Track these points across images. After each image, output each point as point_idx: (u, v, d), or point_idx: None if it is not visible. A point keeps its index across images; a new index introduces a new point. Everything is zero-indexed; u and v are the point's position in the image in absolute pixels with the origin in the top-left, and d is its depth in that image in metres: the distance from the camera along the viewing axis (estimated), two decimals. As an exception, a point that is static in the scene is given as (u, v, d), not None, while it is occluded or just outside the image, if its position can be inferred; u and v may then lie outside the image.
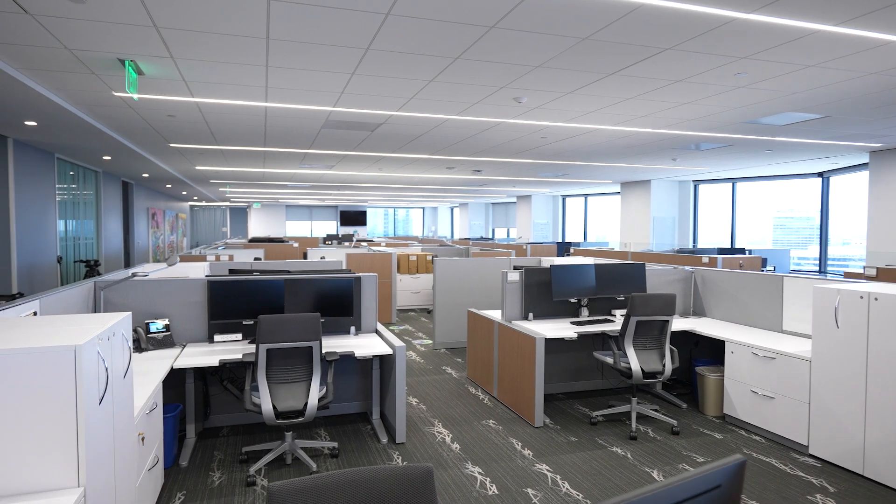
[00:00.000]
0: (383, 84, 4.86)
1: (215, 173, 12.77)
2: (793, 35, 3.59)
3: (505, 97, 5.34)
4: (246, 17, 3.31)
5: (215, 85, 4.87)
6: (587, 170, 11.77)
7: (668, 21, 3.36)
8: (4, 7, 3.12)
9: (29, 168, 8.00)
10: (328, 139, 7.87)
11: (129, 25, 3.42)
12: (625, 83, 4.81)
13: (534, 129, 7.11)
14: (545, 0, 3.06)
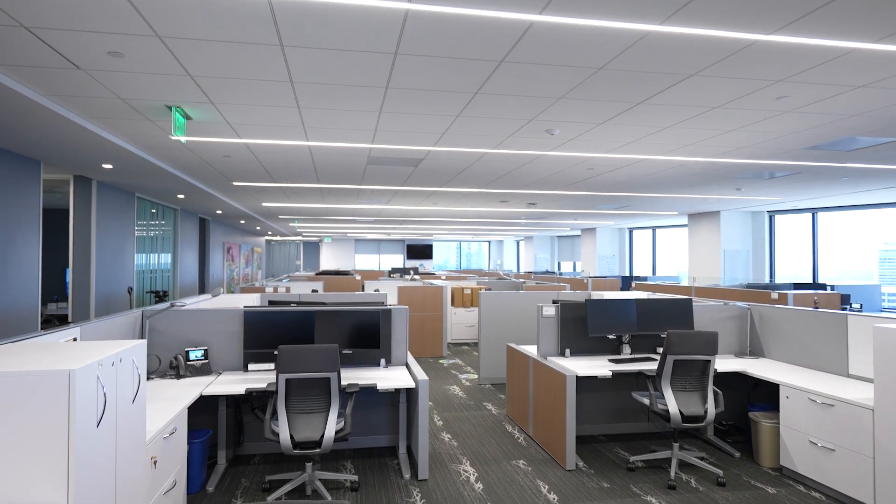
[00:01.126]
0: (412, 121, 4.97)
1: (281, 209, 13.45)
2: (828, 55, 3.35)
3: (536, 129, 5.30)
4: (266, 63, 3.52)
5: (257, 126, 5.18)
6: (647, 201, 11.36)
7: (680, 48, 3.24)
8: (60, 64, 3.50)
9: (111, 206, 8.79)
10: (376, 175, 8.11)
11: (167, 75, 3.74)
12: (657, 112, 4.65)
13: (577, 161, 6.99)
14: (547, 33, 3.05)
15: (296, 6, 2.74)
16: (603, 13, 2.82)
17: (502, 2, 2.70)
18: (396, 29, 3.01)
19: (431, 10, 2.79)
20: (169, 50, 3.29)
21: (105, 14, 2.81)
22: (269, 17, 2.86)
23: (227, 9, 2.76)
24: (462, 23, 2.94)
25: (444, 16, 2.85)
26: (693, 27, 2.98)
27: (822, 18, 2.86)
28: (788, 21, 2.90)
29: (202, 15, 2.83)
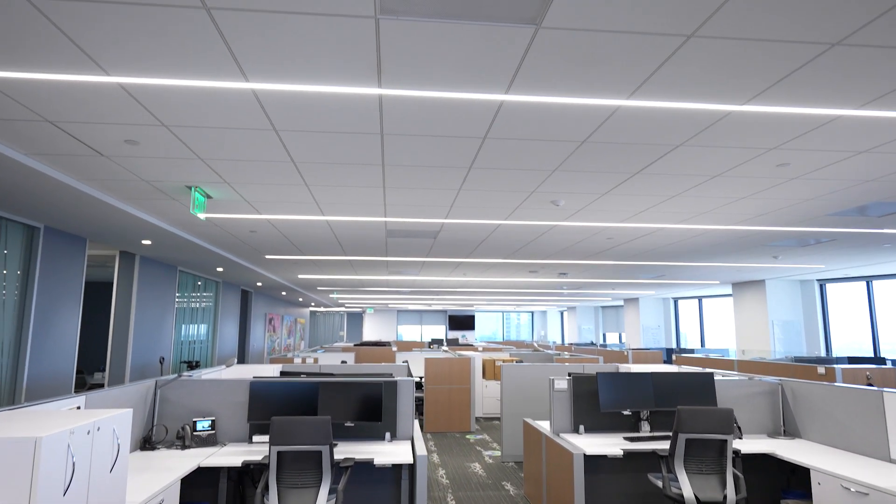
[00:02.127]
0: (417, 195, 5.14)
1: (318, 281, 13.83)
2: (813, 123, 3.31)
3: (541, 201, 5.36)
4: (265, 145, 3.79)
5: (273, 203, 5.48)
6: (682, 271, 11.05)
7: (656, 120, 3.28)
8: (85, 152, 3.88)
9: (152, 279, 9.30)
10: (399, 247, 8.29)
11: (180, 159, 4.06)
12: (657, 182, 4.64)
13: (593, 231, 6.96)
14: (519, 111, 3.17)
15: (279, 95, 2.98)
16: (565, 91, 2.92)
17: (469, 84, 2.85)
18: (375, 112, 3.20)
19: (403, 95, 2.97)
20: (176, 137, 3.60)
21: (114, 108, 3.14)
22: (257, 104, 3.11)
23: (217, 99, 3.03)
24: (436, 105, 3.10)
25: (417, 99, 3.03)
26: (659, 101, 3.04)
27: (792, 88, 2.86)
28: (758, 91, 2.91)
29: (197, 106, 3.11)
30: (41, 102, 3.05)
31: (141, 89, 2.89)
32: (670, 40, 2.42)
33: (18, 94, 2.95)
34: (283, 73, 2.71)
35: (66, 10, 2.18)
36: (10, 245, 5.80)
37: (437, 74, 2.74)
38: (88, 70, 2.67)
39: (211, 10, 2.19)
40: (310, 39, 2.41)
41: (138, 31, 2.33)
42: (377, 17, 2.25)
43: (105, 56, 2.54)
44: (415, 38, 2.41)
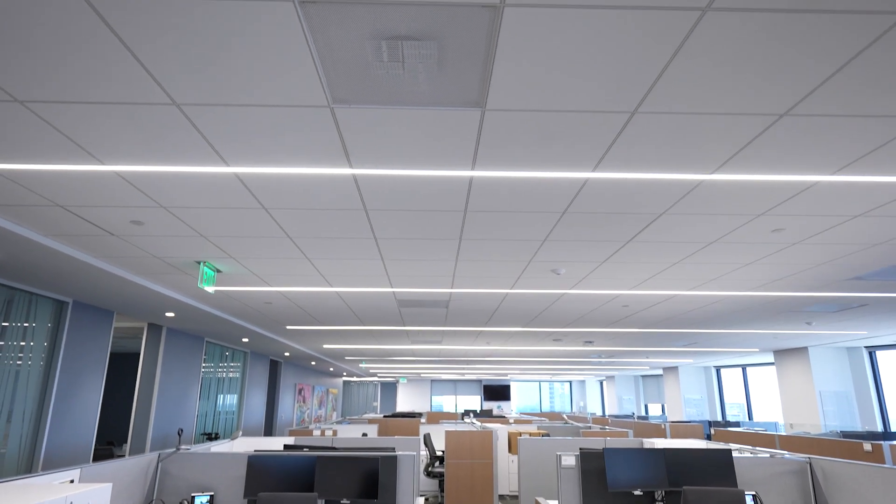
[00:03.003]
0: (417, 266, 5.23)
1: (343, 351, 13.89)
2: (792, 189, 3.27)
3: (542, 269, 5.36)
4: (259, 222, 3.98)
5: (280, 276, 5.66)
6: (714, 338, 10.61)
7: (629, 190, 3.31)
8: (97, 232, 4.17)
9: (178, 351, 9.56)
10: (415, 316, 8.33)
11: (184, 237, 4.30)
12: (653, 249, 4.60)
13: (605, 298, 6.85)
14: (491, 186, 3.26)
15: (261, 177, 3.18)
16: (530, 166, 3.01)
17: (435, 162, 2.97)
18: (353, 190, 3.36)
19: (374, 174, 3.12)
20: (176, 217, 3.84)
21: (115, 193, 3.40)
22: (242, 186, 3.31)
23: (206, 182, 3.25)
24: (411, 182, 3.23)
25: (389, 177, 3.17)
26: (625, 172, 3.08)
27: (756, 156, 2.87)
28: (722, 161, 2.92)
29: (189, 188, 3.34)
30: (51, 189, 3.34)
31: (135, 176, 3.14)
32: (616, 117, 2.50)
33: (29, 183, 3.25)
34: (259, 157, 2.91)
35: (60, 111, 2.44)
36: (39, 319, 6.14)
37: (403, 154, 2.88)
38: (85, 161, 2.94)
39: (181, 107, 2.41)
40: (277, 127, 2.60)
41: (122, 126, 2.58)
42: (331, 106, 2.42)
43: (98, 148, 2.80)
44: (372, 123, 2.56)
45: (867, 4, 1.77)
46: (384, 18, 1.88)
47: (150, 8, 1.81)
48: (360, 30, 1.93)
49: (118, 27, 1.90)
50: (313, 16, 1.86)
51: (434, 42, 2.00)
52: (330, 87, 2.28)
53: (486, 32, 1.95)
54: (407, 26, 1.92)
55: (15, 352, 5.84)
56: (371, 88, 2.29)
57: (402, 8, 1.83)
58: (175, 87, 2.27)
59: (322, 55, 2.07)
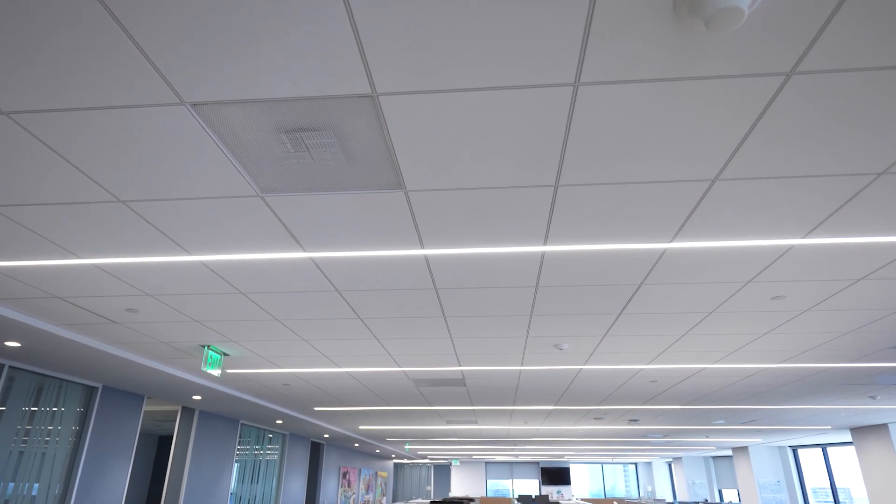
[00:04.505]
0: (414, 345, 5.17)
1: (382, 432, 13.60)
2: (767, 255, 3.06)
3: (542, 345, 5.17)
4: (245, 306, 4.10)
5: (287, 357, 5.72)
6: (771, 414, 9.69)
7: (591, 262, 3.20)
8: (99, 321, 4.41)
9: (212, 433, 9.66)
10: (437, 396, 8.13)
11: (179, 322, 4.48)
12: (648, 322, 4.36)
13: (627, 373, 6.46)
14: (449, 262, 3.25)
15: (225, 264, 3.31)
16: (475, 242, 2.98)
17: (383, 243, 3.01)
18: (317, 272, 3.43)
19: (331, 256, 3.19)
20: (164, 304, 4.02)
21: (100, 283, 3.62)
22: (212, 273, 3.45)
23: (178, 271, 3.42)
24: (371, 262, 3.27)
25: (348, 259, 3.22)
26: (578, 244, 3.00)
27: (710, 222, 2.73)
28: (676, 229, 2.80)
29: (164, 276, 3.52)
30: (44, 283, 3.60)
31: (112, 267, 3.35)
32: (542, 191, 2.47)
33: (24, 278, 3.52)
34: (214, 245, 3.04)
35: (29, 212, 2.68)
36: (68, 404, 6.43)
37: (350, 236, 2.94)
38: (63, 256, 3.17)
39: (127, 203, 2.59)
40: (218, 217, 2.74)
41: (83, 223, 2.79)
42: (261, 195, 2.54)
43: (70, 244, 3.02)
44: (308, 209, 2.65)
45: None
46: (274, 113, 1.99)
47: (76, 122, 2.01)
48: (258, 125, 2.05)
49: (53, 143, 2.11)
50: (209, 115, 2.00)
51: (331, 131, 2.09)
52: (252, 177, 2.40)
53: (374, 119, 2.02)
54: (299, 119, 2.02)
55: (43, 435, 6.09)
56: (292, 177, 2.39)
57: (288, 103, 1.94)
58: (114, 186, 2.45)
59: (233, 149, 2.20)
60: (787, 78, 1.79)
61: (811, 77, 1.78)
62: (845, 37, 1.63)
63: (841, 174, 2.33)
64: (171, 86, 1.85)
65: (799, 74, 1.77)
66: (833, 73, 1.76)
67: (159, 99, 1.90)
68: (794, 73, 1.77)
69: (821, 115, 1.96)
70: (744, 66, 1.75)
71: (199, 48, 1.69)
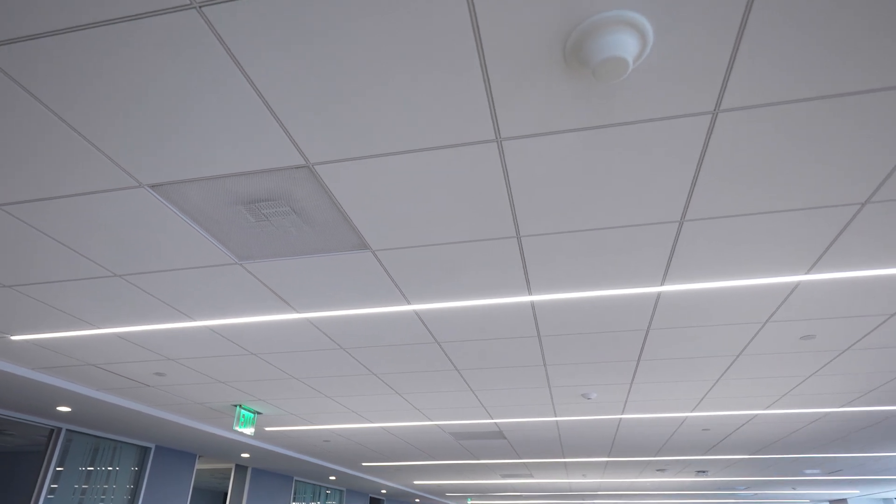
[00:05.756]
0: (439, 398, 5.10)
1: (439, 487, 13.28)
2: (775, 293, 2.85)
3: (570, 395, 4.96)
4: (260, 366, 4.22)
5: (317, 414, 5.78)
6: (858, 463, 8.71)
7: (584, 310, 3.09)
8: (132, 385, 4.66)
9: (265, 491, 9.78)
10: (480, 449, 7.90)
11: (205, 384, 4.65)
12: (677, 367, 4.11)
13: (671, 422, 6.05)
14: (440, 315, 3.23)
15: (227, 327, 3.45)
16: (457, 295, 2.97)
17: (368, 300, 3.05)
18: (315, 331, 3.50)
19: (323, 316, 3.25)
20: (187, 367, 4.21)
21: (125, 350, 3.85)
22: (219, 336, 3.60)
23: (188, 336, 3.59)
24: (366, 320, 3.31)
25: (338, 318, 3.28)
26: (563, 293, 2.91)
27: (693, 265, 2.59)
28: (660, 273, 2.67)
29: (179, 341, 3.70)
30: (77, 352, 3.88)
31: (129, 335, 3.57)
32: (505, 243, 2.45)
33: (59, 348, 3.81)
34: (211, 310, 3.19)
35: (43, 290, 2.94)
36: (123, 463, 6.74)
37: (335, 295, 3.00)
38: (85, 327, 3.42)
39: (123, 277, 2.79)
40: (208, 284, 2.88)
41: (90, 297, 3.01)
42: (240, 262, 2.66)
43: (88, 315, 3.26)
44: (287, 272, 2.75)
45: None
46: (229, 188, 2.11)
47: (56, 209, 2.22)
48: (217, 199, 2.18)
49: (44, 228, 2.34)
50: (170, 194, 2.15)
51: (283, 201, 2.18)
52: (226, 247, 2.53)
53: (318, 187, 2.10)
54: (253, 192, 2.13)
55: (99, 494, 6.39)
56: (261, 244, 2.50)
57: (238, 178, 2.05)
58: (107, 262, 2.65)
59: (201, 223, 2.34)
60: (715, 116, 1.71)
61: (743, 113, 1.70)
62: (757, 73, 1.56)
63: (822, 206, 2.16)
64: (125, 171, 2.01)
65: (726, 112, 1.70)
66: (763, 107, 1.68)
67: (120, 183, 2.07)
68: (719, 111, 1.69)
69: (776, 149, 1.85)
70: (665, 109, 1.70)
71: (142, 133, 1.84)
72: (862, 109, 1.68)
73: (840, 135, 1.79)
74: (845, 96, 1.64)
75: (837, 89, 1.61)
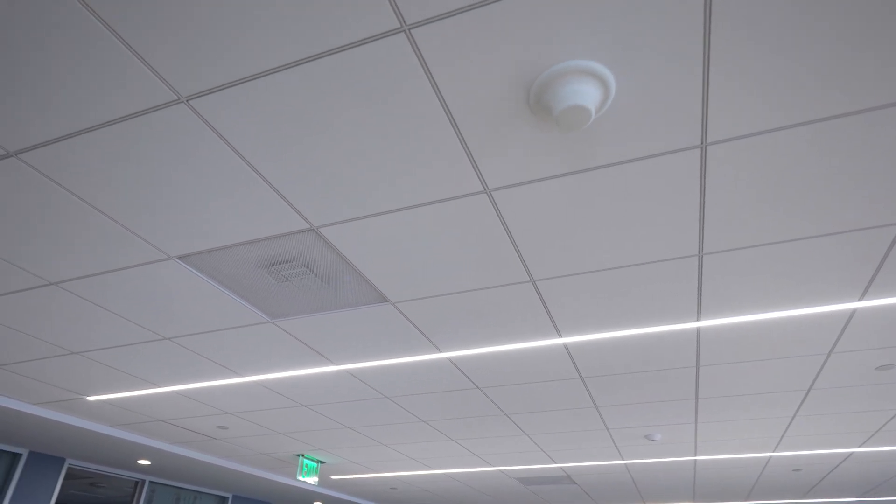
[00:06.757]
0: (495, 443, 4.99)
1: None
2: (832, 321, 2.61)
3: (631, 437, 4.69)
4: (315, 419, 4.32)
5: (377, 462, 5.80)
6: None
7: (620, 349, 2.95)
8: (200, 437, 4.90)
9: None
10: (550, 495, 7.59)
11: (265, 435, 4.82)
12: (742, 404, 3.81)
13: (754, 463, 5.56)
14: (472, 361, 3.21)
15: (273, 381, 3.59)
16: (485, 341, 2.94)
17: (403, 350, 3.09)
18: (358, 383, 3.56)
19: (359, 367, 3.32)
20: (245, 420, 4.39)
21: (187, 407, 4.09)
22: (269, 391, 3.74)
23: (241, 391, 3.76)
24: (397, 368, 3.35)
25: (374, 368, 3.33)
26: (590, 334, 2.81)
27: (726, 297, 2.44)
28: (695, 306, 2.53)
29: (232, 395, 3.88)
30: (146, 409, 4.16)
31: (188, 392, 3.80)
32: (521, 288, 2.42)
33: (130, 406, 4.10)
34: (254, 367, 3.34)
35: (109, 355, 3.21)
36: (202, 514, 7.03)
37: (368, 347, 3.06)
38: (148, 386, 3.68)
39: (172, 339, 3.00)
40: (246, 342, 3.03)
41: (147, 358, 3.25)
42: (272, 321, 2.79)
43: (149, 375, 3.51)
44: (318, 327, 2.85)
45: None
46: (249, 254, 2.24)
47: (100, 284, 2.45)
48: (240, 264, 2.32)
49: (93, 298, 2.58)
50: (197, 263, 2.31)
51: (299, 262, 2.29)
52: (256, 307, 2.66)
53: (326, 247, 2.19)
54: (270, 255, 2.25)
55: (181, 546, 6.68)
56: (288, 303, 2.62)
57: (254, 244, 2.18)
58: (154, 326, 2.86)
59: (229, 287, 2.49)
60: (704, 150, 1.65)
61: (735, 143, 1.63)
62: (736, 104, 1.49)
63: (856, 229, 1.99)
64: (155, 246, 2.19)
65: (715, 144, 1.63)
66: (753, 136, 1.60)
67: (152, 257, 2.26)
68: (707, 144, 1.63)
69: (782, 177, 1.74)
70: (648, 148, 1.65)
71: (163, 214, 2.01)
72: (864, 129, 1.56)
73: (852, 156, 1.67)
74: (839, 118, 1.53)
75: (825, 113, 1.52)
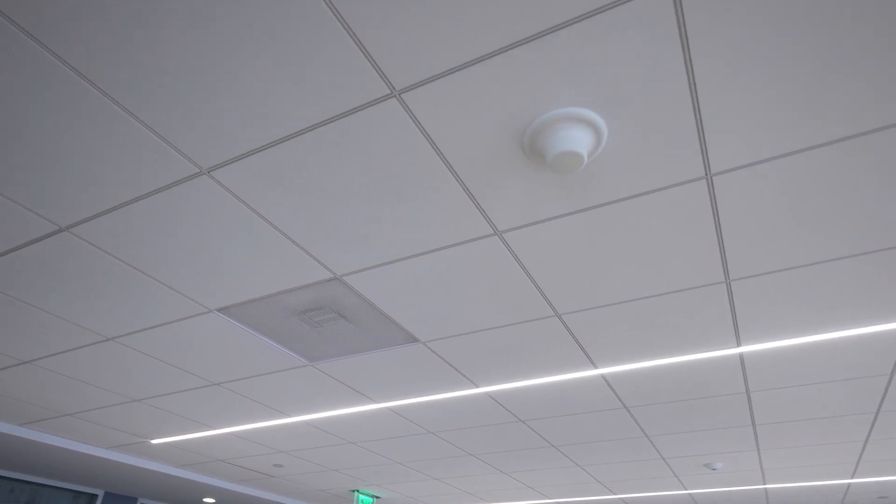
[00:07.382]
0: (548, 475, 4.89)
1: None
2: (890, 341, 2.44)
3: (691, 465, 4.49)
4: (363, 455, 4.38)
5: (432, 496, 5.78)
6: None
7: (666, 378, 2.86)
8: (257, 476, 5.05)
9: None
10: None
11: (318, 472, 4.91)
12: (805, 429, 3.59)
13: (835, 490, 5.17)
14: (511, 395, 3.19)
15: (319, 421, 3.68)
16: (525, 375, 2.92)
17: (437, 385, 3.12)
18: (402, 420, 3.60)
19: (400, 405, 3.36)
20: (299, 458, 4.51)
21: (243, 447, 4.24)
22: (315, 429, 3.84)
23: (290, 431, 3.88)
24: (439, 404, 3.37)
25: (417, 405, 3.37)
26: (627, 364, 2.75)
27: (765, 320, 2.34)
28: (732, 332, 2.44)
29: (284, 435, 4.01)
30: (207, 449, 4.35)
31: (243, 433, 3.95)
32: (548, 322, 2.41)
33: (192, 447, 4.30)
34: (302, 408, 3.45)
35: (168, 402, 3.41)
36: (267, 550, 7.17)
37: (407, 386, 3.11)
38: (205, 429, 3.86)
39: (221, 384, 3.15)
40: (289, 386, 3.14)
41: (198, 402, 3.42)
42: (312, 364, 2.89)
43: (205, 419, 3.69)
44: (356, 369, 2.93)
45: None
46: (282, 303, 2.36)
47: (151, 337, 2.63)
48: (275, 313, 2.44)
49: (148, 351, 2.76)
50: (235, 314, 2.45)
51: (328, 308, 2.38)
52: (295, 352, 2.78)
53: (353, 293, 2.27)
54: (301, 304, 2.36)
55: (248, 583, 6.83)
56: (324, 347, 2.72)
57: (287, 294, 2.30)
58: (205, 373, 3.03)
59: (268, 334, 2.62)
60: (710, 180, 1.62)
61: (740, 172, 1.60)
62: (735, 134, 1.47)
63: (888, 248, 1.89)
64: (195, 301, 2.35)
65: (720, 174, 1.60)
66: (758, 164, 1.56)
67: (194, 311, 2.42)
68: (712, 175, 1.61)
69: (797, 201, 1.69)
70: (651, 183, 1.65)
71: (200, 272, 2.16)
72: (872, 150, 1.50)
73: (878, 174, 1.60)
74: (842, 141, 1.48)
75: (825, 138, 1.47)
